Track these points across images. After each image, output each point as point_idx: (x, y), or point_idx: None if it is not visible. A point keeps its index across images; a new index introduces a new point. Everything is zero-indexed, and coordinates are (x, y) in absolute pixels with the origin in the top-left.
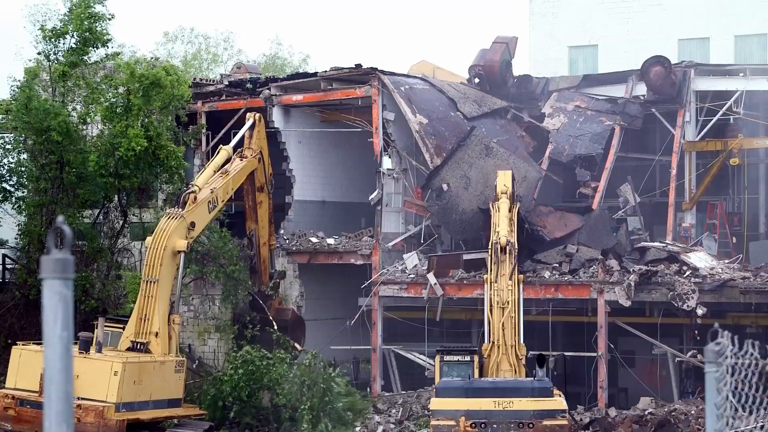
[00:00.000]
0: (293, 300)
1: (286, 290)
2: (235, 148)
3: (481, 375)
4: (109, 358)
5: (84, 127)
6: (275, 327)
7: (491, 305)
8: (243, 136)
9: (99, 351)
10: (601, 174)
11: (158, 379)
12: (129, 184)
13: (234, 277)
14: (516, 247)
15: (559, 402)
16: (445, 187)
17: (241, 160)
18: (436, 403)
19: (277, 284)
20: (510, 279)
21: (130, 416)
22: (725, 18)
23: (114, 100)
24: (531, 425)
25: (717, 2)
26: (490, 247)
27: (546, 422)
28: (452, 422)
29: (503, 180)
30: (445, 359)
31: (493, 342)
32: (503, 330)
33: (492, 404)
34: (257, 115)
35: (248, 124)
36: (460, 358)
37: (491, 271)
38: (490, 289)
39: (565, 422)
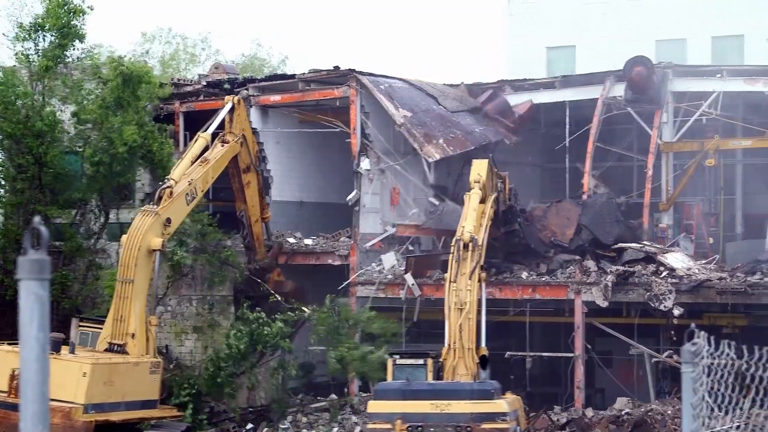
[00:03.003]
0: None
1: None
2: (214, 135)
3: (439, 379)
4: (79, 359)
5: (65, 126)
6: (278, 299)
7: (449, 306)
8: (223, 121)
9: (72, 352)
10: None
11: (132, 381)
12: (124, 180)
13: (229, 263)
14: (481, 244)
15: (498, 405)
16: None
17: (222, 145)
18: (374, 406)
19: (275, 256)
20: (470, 278)
21: (99, 417)
22: (702, 19)
23: (105, 96)
24: (469, 429)
25: (694, 3)
26: (452, 243)
27: (485, 425)
28: (388, 425)
29: (477, 168)
30: (397, 363)
31: (449, 345)
32: (460, 332)
33: (429, 407)
34: (237, 97)
35: (227, 107)
36: (413, 361)
37: (451, 269)
38: (449, 290)
39: (505, 425)
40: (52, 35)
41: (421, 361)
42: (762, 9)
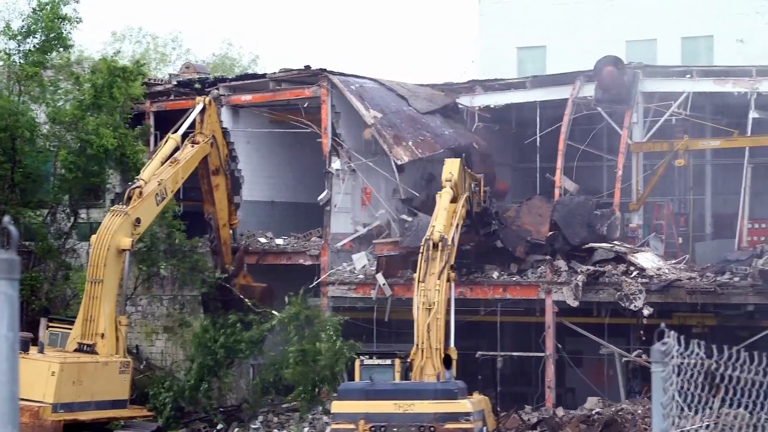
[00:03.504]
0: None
1: None
2: (184, 136)
3: (407, 379)
4: (48, 358)
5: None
6: (247, 305)
7: (417, 306)
8: (194, 122)
9: (41, 352)
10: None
11: (101, 380)
12: (98, 181)
13: (198, 268)
14: (451, 243)
15: (462, 405)
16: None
17: (192, 146)
18: (337, 406)
19: (241, 260)
20: (439, 278)
21: (68, 417)
22: (672, 20)
23: (82, 98)
24: (432, 429)
25: (664, 4)
26: (422, 243)
27: (448, 425)
28: (352, 425)
29: (449, 168)
30: (364, 363)
31: (417, 345)
32: (428, 332)
33: (393, 407)
34: (208, 98)
35: (198, 108)
36: (380, 361)
37: (420, 269)
38: (418, 289)
39: (469, 425)
40: (36, 38)
41: (388, 362)
42: (732, 10)
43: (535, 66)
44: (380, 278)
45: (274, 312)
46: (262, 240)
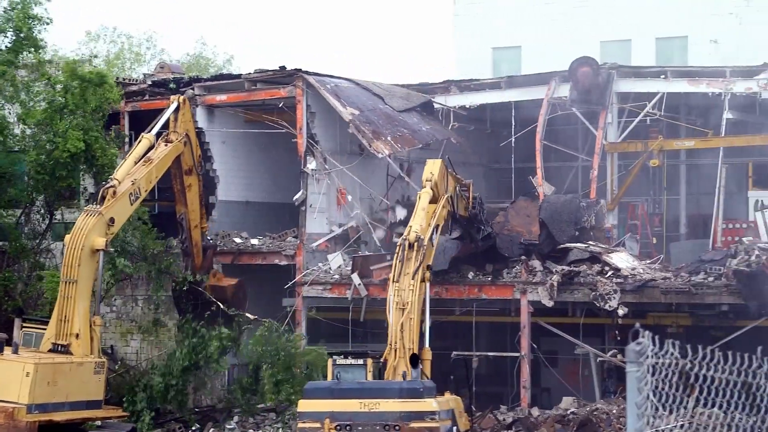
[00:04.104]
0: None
1: None
2: (158, 135)
3: (381, 379)
4: (22, 359)
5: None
6: (219, 306)
7: (391, 306)
8: (168, 121)
9: (15, 352)
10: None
11: (76, 381)
12: (66, 184)
13: (168, 272)
14: (427, 243)
15: (427, 404)
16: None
17: (166, 145)
18: (303, 405)
19: (210, 260)
20: (413, 278)
21: (42, 418)
22: (647, 20)
23: (53, 99)
24: (397, 427)
25: (638, 4)
26: (398, 243)
27: (413, 424)
28: (317, 424)
29: (430, 167)
30: (337, 363)
31: (390, 345)
32: (402, 332)
33: (358, 406)
34: (182, 97)
35: (172, 107)
36: (353, 361)
37: (395, 269)
38: (392, 289)
39: (435, 424)
40: (7, 37)
41: (360, 361)
42: (706, 11)
43: (511, 66)
44: (355, 278)
45: (248, 315)
46: (237, 240)
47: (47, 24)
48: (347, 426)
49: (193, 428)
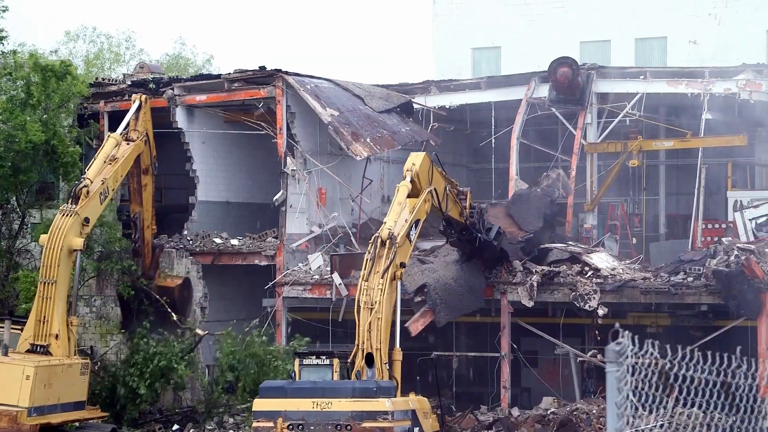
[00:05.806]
0: (196, 301)
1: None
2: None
3: (348, 379)
4: (20, 362)
5: None
6: (171, 313)
7: (359, 306)
8: (129, 120)
9: (5, 354)
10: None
11: (66, 382)
12: (27, 178)
13: (130, 271)
14: (402, 240)
15: (380, 403)
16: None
17: (128, 143)
18: (258, 404)
19: (157, 260)
20: (382, 277)
21: (41, 420)
22: (626, 21)
23: (14, 93)
24: (348, 427)
25: (618, 5)
26: (371, 241)
27: (366, 424)
28: (271, 424)
29: (412, 159)
30: (303, 362)
31: (357, 345)
32: (369, 332)
33: (310, 405)
34: (143, 96)
35: (134, 106)
36: (319, 361)
37: (365, 267)
38: (360, 288)
39: (387, 424)
40: None
41: (327, 361)
42: (685, 11)
43: (490, 67)
44: (336, 278)
45: (198, 331)
46: (218, 240)
47: (3, 11)
48: (299, 425)
49: (174, 428)
